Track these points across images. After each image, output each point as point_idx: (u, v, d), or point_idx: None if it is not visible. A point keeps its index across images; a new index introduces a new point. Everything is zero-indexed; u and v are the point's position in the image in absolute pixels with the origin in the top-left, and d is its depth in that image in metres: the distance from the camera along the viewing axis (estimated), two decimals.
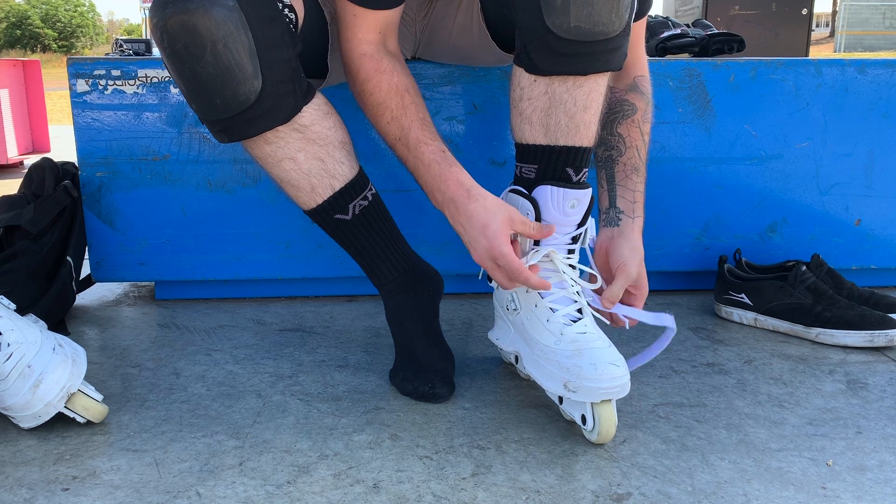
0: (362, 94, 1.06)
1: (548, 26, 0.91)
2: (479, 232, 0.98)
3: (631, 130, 1.14)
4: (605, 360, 0.94)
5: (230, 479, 0.88)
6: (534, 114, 0.99)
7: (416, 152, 1.03)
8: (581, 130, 0.99)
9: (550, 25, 0.91)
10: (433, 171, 1.02)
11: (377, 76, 1.05)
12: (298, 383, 1.15)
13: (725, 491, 0.87)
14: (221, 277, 1.51)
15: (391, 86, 1.05)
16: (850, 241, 1.58)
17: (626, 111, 1.15)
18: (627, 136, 1.14)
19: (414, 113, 1.04)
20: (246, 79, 0.95)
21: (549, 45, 0.93)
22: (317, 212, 1.09)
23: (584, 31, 0.91)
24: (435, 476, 0.89)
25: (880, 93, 1.52)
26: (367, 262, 1.13)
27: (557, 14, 0.90)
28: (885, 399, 1.11)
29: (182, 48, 0.93)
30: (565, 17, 0.90)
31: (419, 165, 1.03)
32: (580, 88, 0.96)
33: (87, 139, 1.43)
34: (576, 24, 0.90)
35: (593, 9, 0.90)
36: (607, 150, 1.15)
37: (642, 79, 1.19)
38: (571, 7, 0.89)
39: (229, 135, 1.01)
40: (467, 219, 0.99)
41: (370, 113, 1.07)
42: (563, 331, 0.99)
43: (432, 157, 1.02)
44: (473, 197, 0.99)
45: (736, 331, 1.40)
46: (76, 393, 0.98)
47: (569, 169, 1.01)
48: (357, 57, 1.06)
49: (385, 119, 1.05)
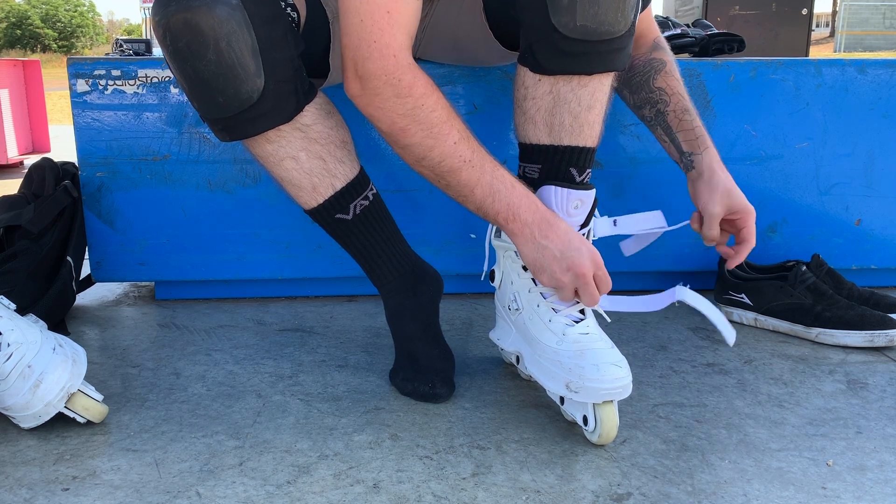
0: (420, 110, 0.92)
1: (554, 25, 0.91)
2: (580, 244, 0.96)
3: (668, 80, 1.18)
4: (608, 361, 0.94)
5: (230, 479, 0.88)
6: (538, 113, 0.99)
7: (496, 173, 0.96)
8: (585, 130, 0.99)
9: (556, 24, 0.91)
10: (520, 192, 0.96)
11: (433, 90, 0.94)
12: (298, 383, 1.15)
13: (725, 491, 0.87)
14: (221, 277, 1.51)
15: (447, 103, 0.95)
16: (850, 241, 1.58)
17: (657, 67, 1.18)
18: (666, 86, 1.18)
19: (472, 134, 0.97)
20: (248, 77, 0.95)
21: (554, 45, 0.93)
22: (318, 211, 1.09)
23: (589, 30, 0.91)
24: (435, 476, 0.89)
25: (880, 93, 1.52)
26: (368, 262, 1.13)
27: (564, 13, 0.90)
28: (885, 399, 1.11)
29: (184, 46, 0.93)
30: (571, 16, 0.90)
31: (500, 187, 0.96)
32: (585, 88, 0.96)
33: (87, 139, 1.43)
34: (582, 23, 0.90)
35: (599, 8, 0.90)
36: (653, 107, 1.18)
37: (659, 39, 1.23)
38: (578, 6, 0.90)
39: (231, 134, 1.01)
40: (566, 233, 0.96)
41: (430, 131, 0.93)
42: (565, 331, 0.99)
43: (514, 178, 0.97)
44: (560, 218, 0.98)
45: (736, 331, 1.40)
46: (76, 393, 0.98)
47: (572, 169, 1.01)
48: (406, 66, 0.92)
49: (452, 139, 0.94)
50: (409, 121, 0.93)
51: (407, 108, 0.92)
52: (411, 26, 0.93)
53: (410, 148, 0.95)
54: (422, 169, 0.97)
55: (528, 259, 0.98)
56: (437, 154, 0.94)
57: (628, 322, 1.43)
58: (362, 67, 0.92)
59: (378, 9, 0.90)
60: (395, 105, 0.92)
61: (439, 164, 0.95)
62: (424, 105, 0.92)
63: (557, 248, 0.96)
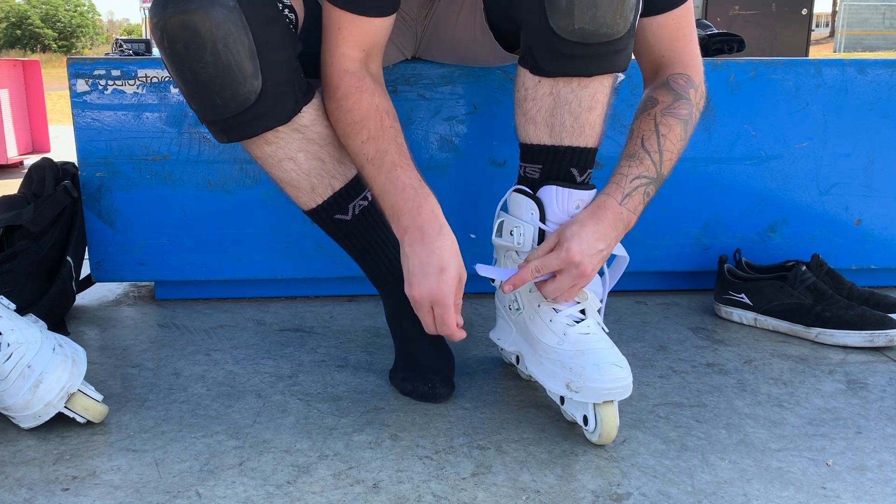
0: (338, 111, 1.02)
1: (552, 28, 0.91)
2: (434, 270, 0.95)
3: (642, 122, 1.06)
4: (608, 361, 0.95)
5: (230, 479, 0.88)
6: (538, 114, 0.99)
7: (391, 175, 0.98)
8: (586, 131, 0.99)
9: (555, 27, 0.91)
10: (406, 195, 0.97)
11: (357, 94, 1.01)
12: (298, 383, 1.15)
13: (725, 491, 0.87)
14: (221, 277, 1.51)
15: (371, 106, 1.01)
16: (850, 241, 1.58)
17: (647, 105, 1.08)
18: (637, 128, 1.07)
19: (392, 136, 1.01)
20: (246, 79, 0.95)
21: (553, 47, 0.93)
22: (316, 212, 1.09)
23: (588, 32, 0.91)
24: (435, 476, 0.89)
25: (880, 93, 1.52)
26: (367, 262, 1.13)
27: (562, 16, 0.90)
28: (885, 399, 1.11)
29: (182, 48, 0.93)
30: (570, 19, 0.90)
31: (390, 188, 0.98)
32: (585, 89, 0.96)
33: (87, 139, 1.43)
34: (580, 26, 0.90)
35: (598, 11, 0.90)
36: None
37: (677, 76, 1.08)
38: (576, 9, 0.89)
39: (229, 135, 1.01)
40: (429, 253, 0.95)
41: (345, 130, 1.03)
42: (566, 331, 0.99)
43: (408, 182, 0.98)
44: (444, 236, 0.96)
45: (736, 331, 1.40)
46: (76, 393, 0.98)
47: (573, 169, 1.01)
48: (338, 72, 1.02)
49: (360, 138, 1.01)
50: (334, 119, 1.04)
51: (331, 109, 1.04)
52: (364, 42, 1.03)
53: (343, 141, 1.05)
54: None
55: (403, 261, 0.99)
56: (350, 150, 1.03)
57: (628, 322, 1.44)
58: (323, 77, 1.05)
59: (332, 26, 1.02)
60: (328, 106, 1.05)
61: (354, 158, 1.04)
62: (342, 106, 1.02)
63: (414, 264, 0.96)
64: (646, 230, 1.54)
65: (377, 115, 1.01)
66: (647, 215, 1.52)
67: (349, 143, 1.03)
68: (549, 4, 0.90)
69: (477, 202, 1.47)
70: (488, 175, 1.47)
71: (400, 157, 1.00)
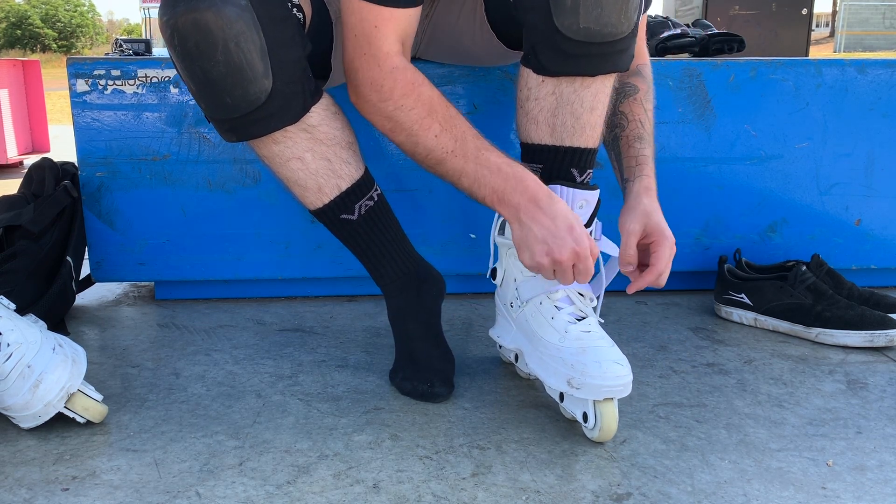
0: (399, 111, 0.98)
1: (557, 27, 0.91)
2: (565, 231, 0.95)
3: (633, 107, 1.14)
4: (609, 359, 0.95)
5: (230, 479, 0.88)
6: (540, 114, 0.99)
7: (480, 159, 0.97)
8: (587, 131, 0.99)
9: (560, 26, 0.91)
10: (505, 174, 0.96)
11: (415, 90, 0.98)
12: (298, 383, 1.15)
13: (725, 491, 0.87)
14: (221, 277, 1.51)
15: (432, 97, 0.99)
16: (850, 241, 1.58)
17: (628, 92, 1.15)
18: (630, 111, 1.14)
19: (462, 122, 0.99)
20: (257, 78, 0.95)
21: (557, 46, 0.93)
22: (323, 212, 1.09)
23: (593, 32, 0.91)
24: (435, 476, 0.89)
25: (880, 93, 1.52)
26: (372, 263, 1.13)
27: (567, 15, 0.90)
28: (885, 399, 1.11)
29: (193, 46, 0.92)
30: (575, 18, 0.90)
31: (485, 173, 0.97)
32: (587, 89, 0.97)
33: (87, 139, 1.43)
34: (585, 25, 0.90)
35: (602, 10, 0.90)
36: (612, 130, 1.15)
37: (644, 66, 1.19)
38: (581, 8, 0.90)
39: (238, 134, 1.01)
40: (552, 218, 0.95)
41: (411, 129, 0.99)
42: (567, 328, 0.99)
43: (500, 161, 0.97)
44: (555, 199, 0.96)
45: (736, 331, 1.40)
46: (76, 393, 0.98)
47: (573, 170, 1.01)
48: (388, 72, 0.98)
49: (433, 133, 0.98)
50: (392, 123, 1.00)
51: (389, 111, 0.99)
52: (402, 34, 1.00)
53: (402, 145, 1.01)
54: (419, 162, 1.02)
55: (514, 238, 0.99)
56: (423, 148, 0.99)
57: (628, 322, 1.43)
58: (355, 77, 1.01)
59: (368, 25, 0.98)
60: (380, 108, 0.99)
61: (427, 157, 1.00)
62: (403, 106, 0.98)
63: (541, 232, 0.95)
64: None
65: (440, 105, 0.99)
66: None
67: (420, 141, 0.99)
68: (554, 3, 0.90)
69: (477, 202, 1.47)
70: None
71: (479, 140, 0.99)
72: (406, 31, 1.01)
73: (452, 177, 1.00)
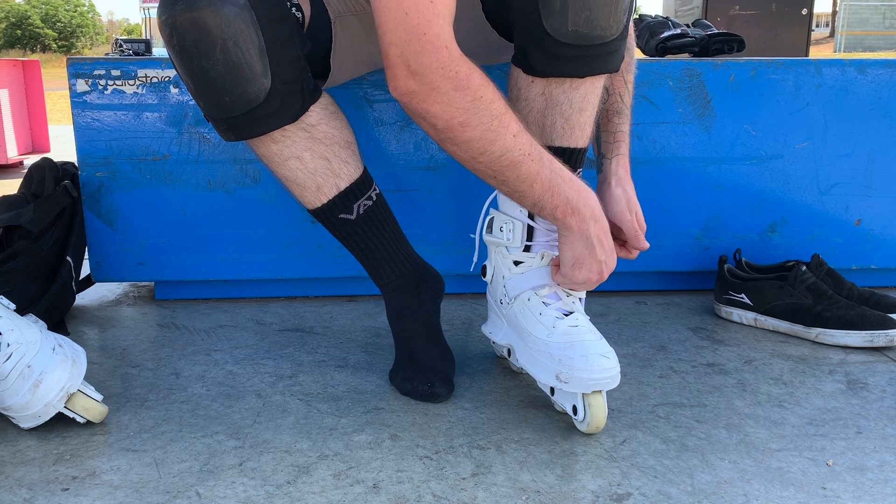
0: (480, 102, 0.88)
1: (546, 29, 0.91)
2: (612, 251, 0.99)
3: (614, 79, 1.14)
4: (596, 352, 0.96)
5: (230, 479, 0.88)
6: (530, 114, 1.00)
7: (553, 167, 0.93)
8: (576, 132, 1.00)
9: (549, 29, 0.91)
10: (575, 186, 0.94)
11: (489, 81, 0.89)
12: (298, 383, 1.15)
13: (725, 491, 0.87)
14: (221, 277, 1.51)
15: (501, 92, 0.91)
16: (850, 241, 1.58)
17: None
18: (610, 84, 1.13)
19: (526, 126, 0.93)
20: (255, 77, 0.95)
21: (546, 48, 0.93)
22: (321, 211, 1.09)
23: (581, 34, 0.91)
24: (435, 476, 0.89)
25: (880, 93, 1.52)
26: (370, 262, 1.13)
27: (556, 18, 0.90)
28: (885, 399, 1.11)
29: (192, 45, 0.92)
30: (563, 20, 0.90)
31: (558, 181, 0.93)
32: (577, 90, 0.97)
33: (87, 139, 1.43)
34: (574, 28, 0.90)
35: (591, 13, 0.90)
36: None
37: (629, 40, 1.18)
38: (570, 11, 0.89)
39: (237, 133, 1.01)
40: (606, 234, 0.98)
41: (489, 125, 0.89)
42: (555, 324, 1.01)
43: (567, 173, 0.95)
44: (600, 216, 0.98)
45: (736, 331, 1.40)
46: (76, 393, 0.98)
47: None
48: (459, 58, 0.87)
49: (511, 132, 0.90)
50: (469, 115, 0.88)
51: (467, 102, 0.87)
52: (452, 15, 0.88)
53: (470, 143, 0.90)
54: (478, 165, 0.92)
55: (572, 253, 0.98)
56: (498, 148, 0.90)
57: (628, 322, 1.43)
58: (416, 62, 0.86)
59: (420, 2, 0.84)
60: (455, 99, 0.87)
61: (499, 158, 0.90)
62: (483, 97, 0.88)
63: (601, 252, 0.98)
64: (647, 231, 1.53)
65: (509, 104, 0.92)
66: (648, 215, 1.52)
67: (498, 139, 0.89)
68: (543, 6, 0.90)
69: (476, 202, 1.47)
70: None
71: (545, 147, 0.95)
72: (453, 13, 0.89)
73: (524, 182, 0.92)
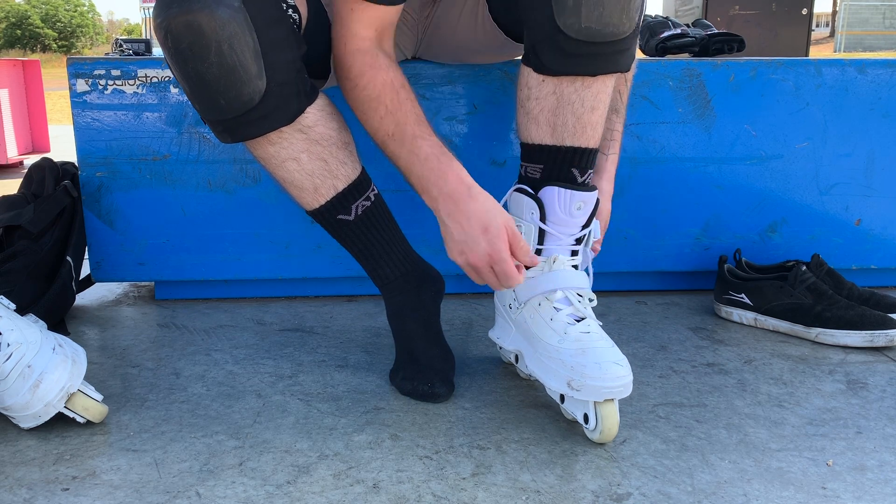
0: (354, 90, 1.03)
1: (558, 26, 0.91)
2: (479, 233, 0.96)
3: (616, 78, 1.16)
4: (609, 360, 0.95)
5: (230, 479, 0.88)
6: (541, 114, 0.99)
7: (412, 146, 1.00)
8: (588, 131, 0.99)
9: (561, 26, 0.91)
10: (430, 165, 0.99)
11: (371, 71, 1.02)
12: (298, 383, 1.15)
13: (725, 491, 0.87)
14: (221, 277, 1.51)
15: (386, 81, 1.01)
16: (850, 241, 1.58)
17: None
18: None
19: (409, 109, 1.01)
20: (250, 79, 0.95)
21: (558, 46, 0.93)
22: (319, 212, 1.09)
23: (594, 31, 0.91)
24: (435, 476, 0.89)
25: (880, 93, 1.52)
26: (370, 263, 1.13)
27: (569, 14, 0.90)
28: (885, 399, 1.11)
29: (186, 48, 0.92)
30: (576, 17, 0.90)
31: (414, 161, 1.00)
32: (588, 89, 0.97)
33: (87, 139, 1.43)
34: (587, 24, 0.90)
35: (604, 10, 0.90)
36: None
37: None
38: (583, 8, 0.90)
39: (233, 135, 1.01)
40: (467, 218, 0.97)
41: (361, 108, 1.03)
42: (567, 330, 0.99)
43: (430, 152, 0.99)
44: (474, 196, 0.97)
45: (736, 331, 1.40)
46: (76, 393, 0.98)
47: (574, 170, 1.01)
48: (351, 52, 1.03)
49: (378, 115, 1.01)
50: (350, 99, 1.04)
51: (348, 88, 1.04)
52: (378, 24, 1.03)
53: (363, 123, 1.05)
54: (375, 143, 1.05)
55: (442, 231, 1.01)
56: (370, 128, 1.03)
57: (628, 322, 1.44)
58: (334, 58, 1.06)
59: (344, 7, 1.03)
60: (343, 85, 1.05)
61: (374, 137, 1.04)
62: (358, 84, 1.02)
63: (457, 231, 0.98)
64: (646, 230, 1.54)
65: (392, 89, 1.01)
66: (648, 215, 1.53)
67: (367, 121, 1.03)
68: (556, 2, 0.90)
69: None
70: (488, 175, 1.46)
71: (419, 128, 1.00)
72: (382, 22, 1.04)
73: (392, 161, 1.03)
